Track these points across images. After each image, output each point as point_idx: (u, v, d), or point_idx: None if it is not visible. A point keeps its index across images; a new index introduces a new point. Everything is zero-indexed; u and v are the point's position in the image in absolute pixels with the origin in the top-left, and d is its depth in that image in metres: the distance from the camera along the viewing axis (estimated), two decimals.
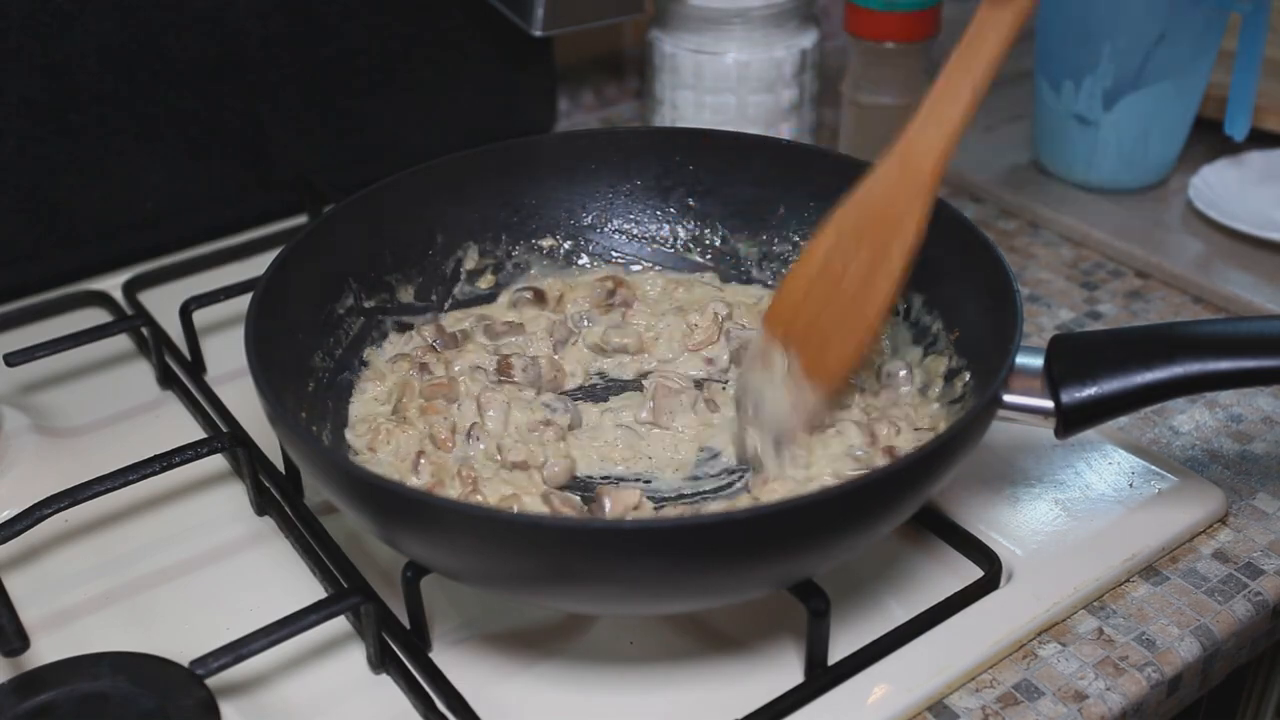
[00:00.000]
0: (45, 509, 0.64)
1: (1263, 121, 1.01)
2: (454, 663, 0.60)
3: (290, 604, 0.59)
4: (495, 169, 0.78)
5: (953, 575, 0.64)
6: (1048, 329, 0.86)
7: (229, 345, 0.83)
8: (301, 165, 0.97)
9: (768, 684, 0.58)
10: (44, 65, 0.85)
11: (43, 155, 0.87)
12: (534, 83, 1.06)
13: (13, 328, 0.87)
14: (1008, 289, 0.62)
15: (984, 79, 0.62)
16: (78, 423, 0.78)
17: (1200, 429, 0.77)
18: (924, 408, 0.67)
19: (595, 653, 0.62)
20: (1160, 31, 0.91)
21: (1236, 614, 0.64)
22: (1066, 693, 0.60)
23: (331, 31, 0.95)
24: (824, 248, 0.66)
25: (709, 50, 0.95)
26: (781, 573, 0.56)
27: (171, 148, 0.92)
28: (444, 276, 0.77)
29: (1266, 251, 0.92)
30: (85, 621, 0.64)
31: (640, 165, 0.80)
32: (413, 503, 0.53)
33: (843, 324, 0.65)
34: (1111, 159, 0.98)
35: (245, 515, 0.71)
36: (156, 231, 0.94)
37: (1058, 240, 0.96)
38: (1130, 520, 0.68)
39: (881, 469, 0.54)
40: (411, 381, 0.70)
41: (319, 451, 0.57)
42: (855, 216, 0.65)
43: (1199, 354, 0.59)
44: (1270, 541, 0.68)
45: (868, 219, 0.65)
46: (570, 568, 0.54)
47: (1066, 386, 0.60)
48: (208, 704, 0.55)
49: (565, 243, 0.80)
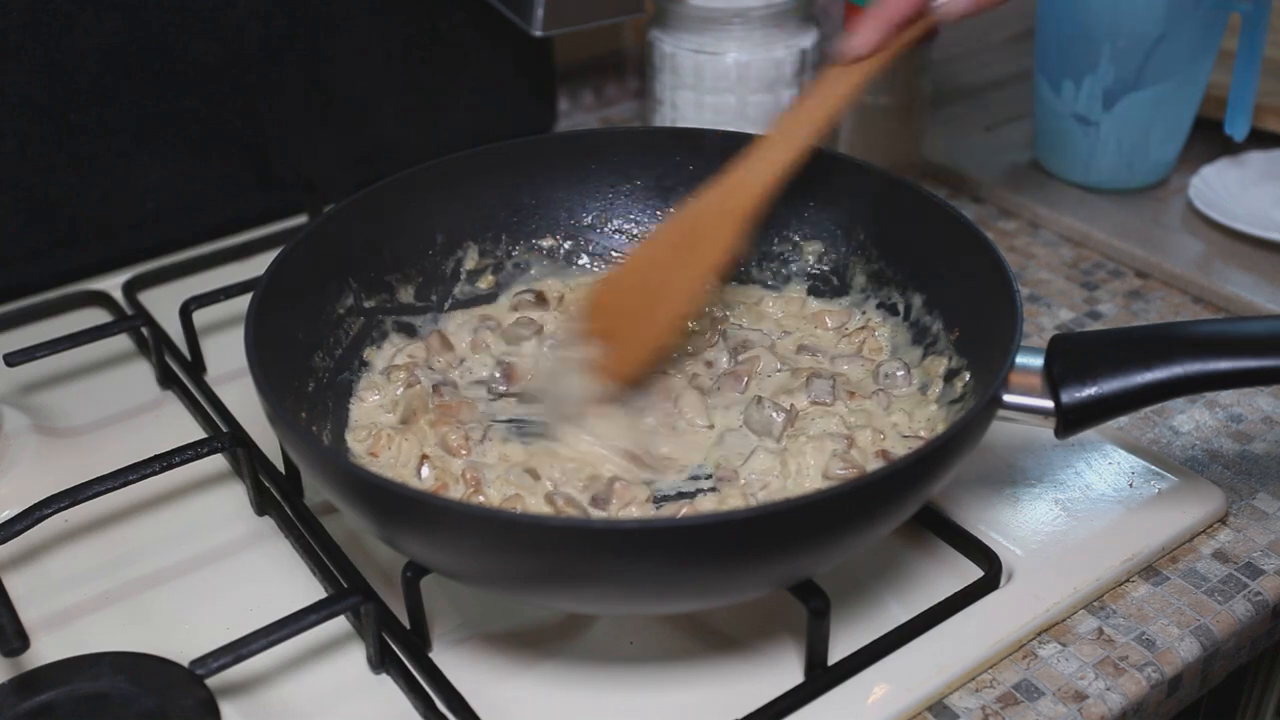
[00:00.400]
0: (45, 509, 0.64)
1: (1263, 121, 1.01)
2: (454, 663, 0.60)
3: (290, 604, 0.59)
4: (495, 169, 0.78)
5: (953, 575, 0.64)
6: (1048, 329, 0.86)
7: (229, 345, 0.83)
8: (301, 165, 0.97)
9: (768, 684, 0.58)
10: (44, 65, 0.85)
11: (43, 155, 0.87)
12: (534, 83, 1.06)
13: (13, 328, 0.87)
14: (1008, 289, 0.62)
15: (818, 130, 0.69)
16: (78, 423, 0.78)
17: (1200, 429, 0.77)
18: (923, 408, 0.67)
19: (595, 653, 0.62)
20: (1160, 31, 0.91)
21: (1236, 614, 0.64)
22: (1066, 693, 0.60)
23: (331, 31, 0.95)
24: (646, 253, 0.71)
25: (709, 50, 0.95)
26: (781, 573, 0.56)
27: (171, 148, 0.92)
28: (444, 276, 0.77)
29: (1266, 251, 0.92)
30: (85, 621, 0.64)
31: (640, 165, 0.80)
32: (413, 503, 0.53)
33: (639, 327, 0.69)
34: (1111, 159, 0.98)
35: (245, 515, 0.71)
36: (156, 231, 0.94)
37: (1058, 240, 0.96)
38: (1130, 520, 0.68)
39: (882, 469, 0.54)
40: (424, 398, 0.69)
41: (319, 451, 0.57)
42: (677, 230, 0.70)
43: (1199, 354, 0.59)
44: (1270, 541, 0.68)
45: (687, 234, 0.70)
46: (570, 568, 0.54)
47: (1066, 386, 0.60)
48: (208, 704, 0.55)
49: (565, 243, 0.80)
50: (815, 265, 0.77)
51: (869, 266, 0.75)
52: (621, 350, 0.69)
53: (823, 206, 0.77)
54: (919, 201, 0.71)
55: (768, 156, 0.69)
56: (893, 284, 0.74)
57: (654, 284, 0.69)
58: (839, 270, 0.77)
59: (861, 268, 0.75)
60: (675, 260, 0.69)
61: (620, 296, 0.70)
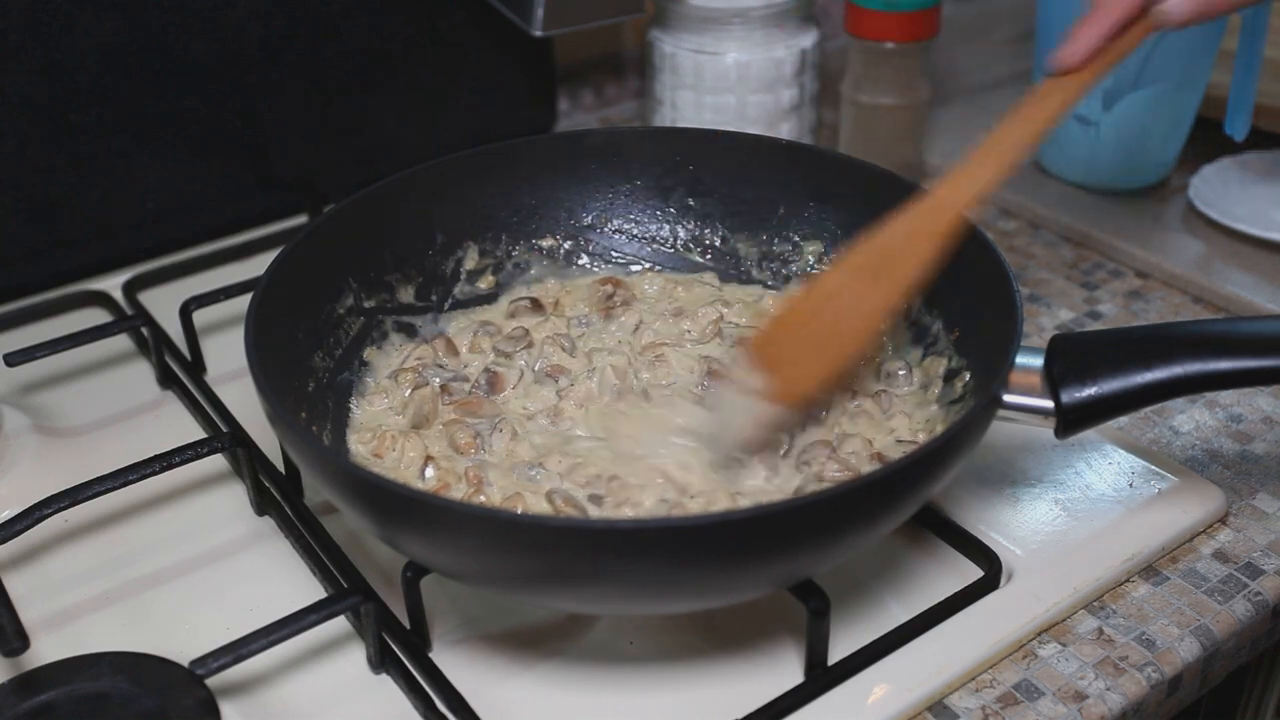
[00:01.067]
0: (45, 509, 0.64)
1: (1263, 121, 1.01)
2: (454, 663, 0.60)
3: (290, 604, 0.59)
4: (495, 169, 0.78)
5: (953, 575, 0.64)
6: (1048, 329, 0.86)
7: (229, 345, 0.83)
8: (302, 165, 0.97)
9: (768, 684, 0.58)
10: (44, 65, 0.85)
11: (43, 155, 0.87)
12: (534, 83, 1.06)
13: (13, 328, 0.87)
14: (1008, 289, 0.62)
15: (1026, 149, 0.64)
16: (78, 423, 0.78)
17: (1200, 429, 0.77)
18: (923, 408, 0.67)
19: (595, 653, 0.62)
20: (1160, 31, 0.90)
21: (1236, 614, 0.64)
22: (1066, 693, 0.60)
23: (331, 31, 0.95)
24: (835, 281, 0.66)
25: (709, 50, 0.95)
26: (781, 573, 0.56)
27: (171, 148, 0.92)
28: (444, 276, 0.77)
29: (1266, 251, 0.92)
30: (85, 621, 0.64)
31: (640, 165, 0.80)
32: (413, 503, 0.53)
33: (819, 348, 0.65)
34: (1111, 159, 0.98)
35: (245, 515, 0.71)
36: (156, 231, 0.94)
37: (1058, 240, 0.96)
38: (1130, 520, 0.68)
39: (882, 468, 0.54)
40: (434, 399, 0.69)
41: (319, 451, 0.57)
42: (869, 254, 0.66)
43: (1199, 354, 0.59)
44: (1270, 541, 0.68)
45: (881, 256, 0.65)
46: (570, 568, 0.54)
47: (1066, 386, 0.60)
48: (208, 704, 0.55)
49: (565, 243, 0.80)
50: (815, 265, 0.77)
51: None
52: (795, 373, 0.65)
53: (823, 206, 0.77)
54: None
55: (974, 174, 0.64)
56: None
57: (840, 308, 0.65)
58: None
59: None
60: (866, 281, 0.65)
61: (798, 326, 0.66)
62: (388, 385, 0.71)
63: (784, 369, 0.65)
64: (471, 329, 0.75)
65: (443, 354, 0.73)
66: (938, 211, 0.65)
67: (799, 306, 0.67)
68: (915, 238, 0.64)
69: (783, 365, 0.65)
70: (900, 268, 0.64)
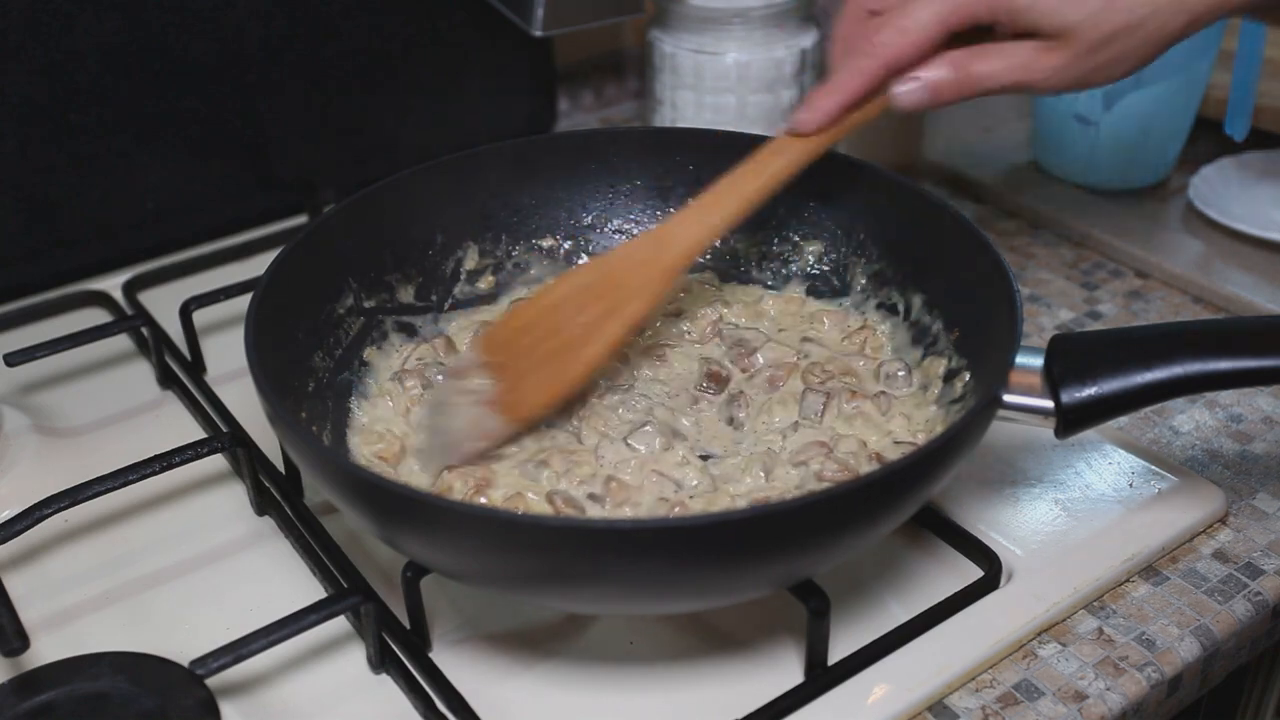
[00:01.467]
0: (45, 509, 0.64)
1: (1263, 121, 1.01)
2: (454, 663, 0.60)
3: (290, 604, 0.59)
4: (495, 169, 0.78)
5: (953, 575, 0.64)
6: (1048, 329, 0.86)
7: (229, 345, 0.83)
8: (301, 165, 0.97)
9: (768, 684, 0.58)
10: (44, 65, 0.85)
11: (43, 155, 0.87)
12: (534, 83, 1.06)
13: (13, 328, 0.87)
14: (1008, 289, 0.62)
15: (758, 197, 0.67)
16: (78, 423, 0.78)
17: (1200, 429, 0.77)
18: (923, 408, 0.67)
19: (595, 653, 0.62)
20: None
21: (1236, 614, 0.64)
22: (1066, 693, 0.60)
23: (331, 31, 0.95)
24: (560, 292, 0.68)
25: (709, 50, 0.95)
26: (781, 573, 0.56)
27: (171, 148, 0.92)
28: (444, 276, 0.77)
29: (1266, 251, 0.92)
30: (85, 621, 0.64)
31: (640, 165, 0.80)
32: (413, 503, 0.53)
33: (549, 368, 0.66)
34: (1111, 159, 0.98)
35: (245, 515, 0.71)
36: (156, 231, 0.94)
37: (1058, 240, 0.96)
38: (1130, 520, 0.68)
39: (882, 468, 0.54)
40: None
41: (319, 451, 0.57)
42: (597, 275, 0.68)
43: (1199, 354, 0.59)
44: (1270, 541, 0.68)
45: (608, 282, 0.67)
46: (570, 568, 0.54)
47: (1066, 386, 0.59)
48: (208, 704, 0.55)
49: (565, 243, 0.80)
50: (815, 265, 0.77)
51: (869, 266, 0.75)
52: (520, 389, 0.66)
53: (823, 206, 0.77)
54: (919, 201, 0.71)
55: (701, 217, 0.67)
56: (893, 284, 0.74)
57: (565, 326, 0.66)
58: (839, 270, 0.77)
59: (861, 268, 0.75)
60: (593, 306, 0.66)
61: (525, 333, 0.68)
62: (390, 387, 0.71)
63: (512, 381, 0.66)
64: (472, 329, 0.75)
65: (443, 354, 0.73)
66: (664, 245, 0.67)
67: (522, 310, 0.70)
68: (642, 267, 0.67)
69: (510, 375, 0.66)
70: (630, 302, 0.66)
